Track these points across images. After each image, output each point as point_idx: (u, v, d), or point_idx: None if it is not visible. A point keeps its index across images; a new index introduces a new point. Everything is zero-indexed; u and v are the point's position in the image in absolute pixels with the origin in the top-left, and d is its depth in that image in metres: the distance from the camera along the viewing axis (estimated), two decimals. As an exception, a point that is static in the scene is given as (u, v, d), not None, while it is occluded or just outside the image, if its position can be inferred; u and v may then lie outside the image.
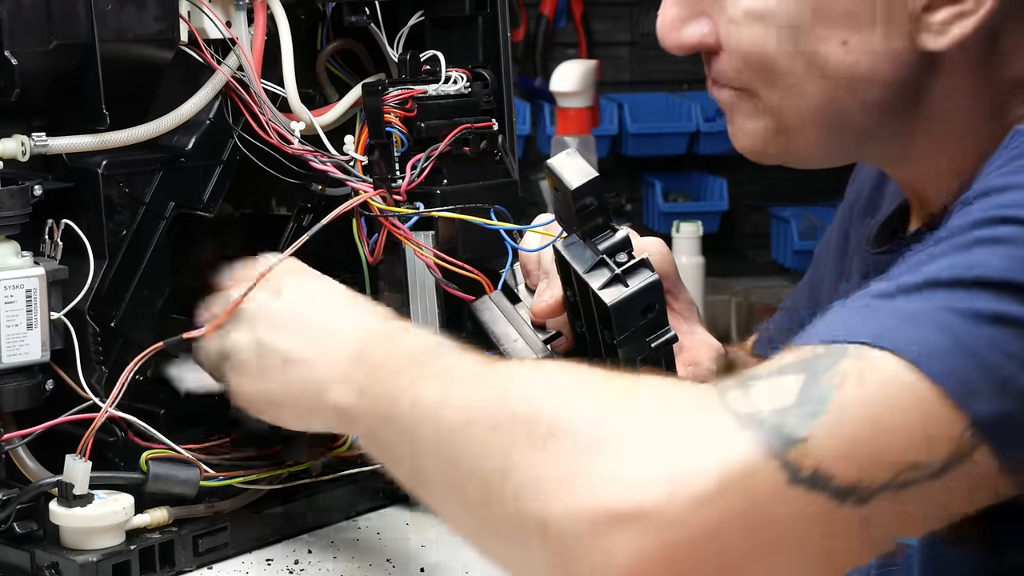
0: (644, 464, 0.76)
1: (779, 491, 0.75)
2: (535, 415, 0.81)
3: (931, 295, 0.79)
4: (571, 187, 1.01)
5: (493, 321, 1.12)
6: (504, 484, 0.80)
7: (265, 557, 1.17)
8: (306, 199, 1.28)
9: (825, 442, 0.76)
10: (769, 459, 0.75)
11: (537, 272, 1.15)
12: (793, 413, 0.76)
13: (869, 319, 0.80)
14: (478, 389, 0.87)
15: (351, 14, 1.26)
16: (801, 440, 0.76)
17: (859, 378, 0.77)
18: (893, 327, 0.78)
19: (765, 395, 0.78)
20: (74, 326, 1.13)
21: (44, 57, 1.11)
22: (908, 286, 0.80)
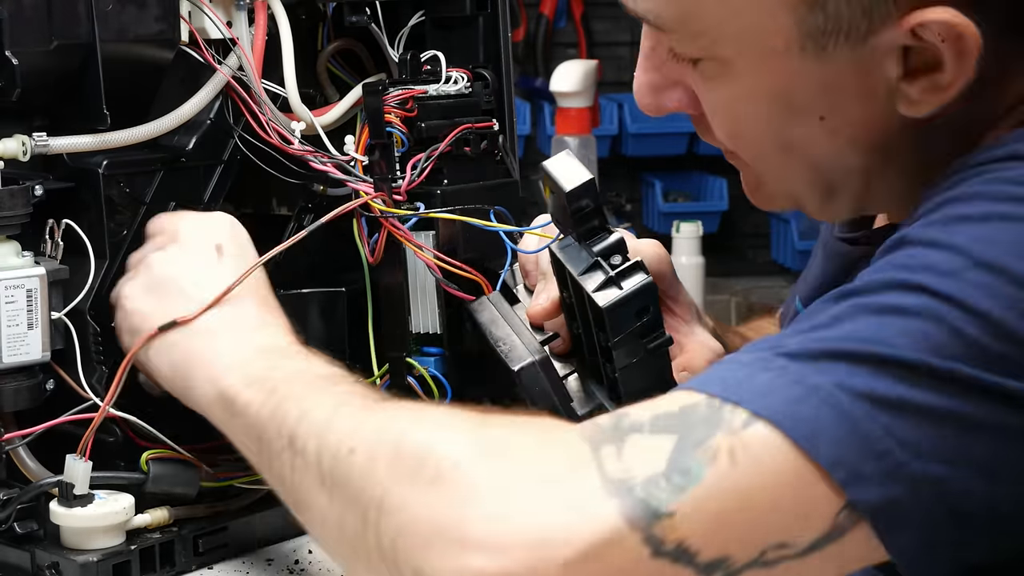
0: (513, 527, 0.77)
1: (643, 563, 0.76)
2: (416, 455, 0.82)
3: (831, 368, 0.78)
4: (566, 189, 1.02)
5: (491, 322, 1.12)
6: (380, 520, 0.81)
7: (265, 557, 1.17)
8: (307, 199, 1.28)
9: (692, 517, 0.76)
10: (634, 530, 0.76)
11: (535, 273, 1.15)
12: (662, 485, 0.77)
13: (764, 384, 0.79)
14: (366, 419, 0.89)
15: (351, 14, 1.26)
16: (667, 514, 0.76)
17: (732, 455, 0.77)
18: (786, 401, 0.77)
19: (637, 458, 0.78)
20: (75, 326, 1.13)
21: (45, 57, 1.11)
22: (810, 352, 0.79)
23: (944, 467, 0.77)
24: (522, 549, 0.76)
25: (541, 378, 1.08)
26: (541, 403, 1.07)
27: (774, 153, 0.94)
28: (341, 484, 0.86)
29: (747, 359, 0.81)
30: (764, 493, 0.77)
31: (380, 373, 1.21)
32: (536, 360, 1.08)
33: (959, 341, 0.77)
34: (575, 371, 1.12)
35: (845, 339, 0.79)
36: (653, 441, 0.79)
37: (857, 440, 0.76)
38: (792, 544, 0.77)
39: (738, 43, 0.89)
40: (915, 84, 0.87)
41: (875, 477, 0.76)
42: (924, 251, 0.81)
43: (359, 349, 1.23)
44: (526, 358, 1.09)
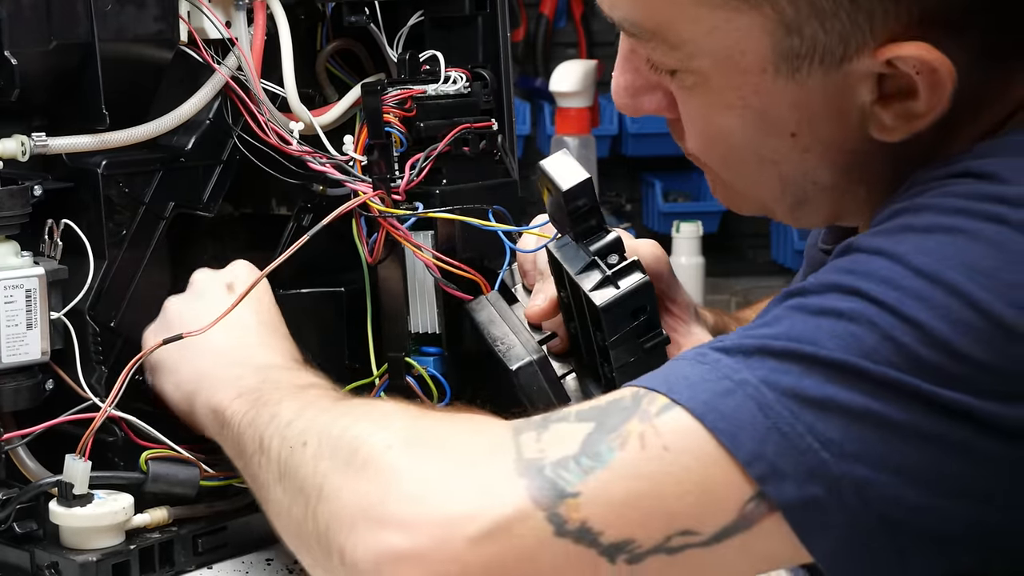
0: (426, 506, 0.80)
1: (546, 542, 0.78)
2: (352, 445, 0.87)
3: (759, 364, 0.78)
4: (563, 189, 1.02)
5: (489, 322, 1.12)
6: (318, 506, 0.86)
7: (265, 557, 1.17)
8: (306, 199, 1.28)
9: (595, 498, 0.78)
10: (538, 509, 0.78)
11: (534, 272, 1.15)
12: (571, 467, 0.79)
13: (693, 377, 0.80)
14: (321, 416, 0.94)
15: (351, 14, 1.26)
16: (571, 494, 0.78)
17: (642, 440, 0.78)
18: (712, 394, 0.78)
19: (553, 442, 0.81)
20: (74, 326, 1.13)
21: (44, 57, 1.11)
22: (744, 348, 0.80)
23: (868, 470, 0.76)
24: (432, 526, 0.79)
25: (539, 377, 1.08)
26: (539, 402, 1.07)
27: (746, 166, 0.94)
28: (291, 475, 0.91)
29: (688, 354, 0.83)
30: (670, 479, 0.78)
31: (379, 373, 1.21)
32: (534, 359, 1.08)
33: (891, 347, 0.77)
34: (573, 370, 1.12)
35: (778, 337, 0.79)
36: (573, 428, 0.81)
37: (778, 437, 0.77)
38: (698, 532, 0.78)
39: (713, 59, 0.89)
40: (888, 109, 0.87)
41: (795, 475, 0.76)
42: (867, 257, 0.81)
43: (359, 349, 1.23)
44: (524, 357, 1.09)
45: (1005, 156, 0.83)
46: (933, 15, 0.83)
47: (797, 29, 0.85)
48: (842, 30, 0.84)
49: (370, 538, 0.81)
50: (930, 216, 0.81)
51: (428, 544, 0.79)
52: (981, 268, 0.77)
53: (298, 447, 0.91)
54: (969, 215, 0.80)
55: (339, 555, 0.83)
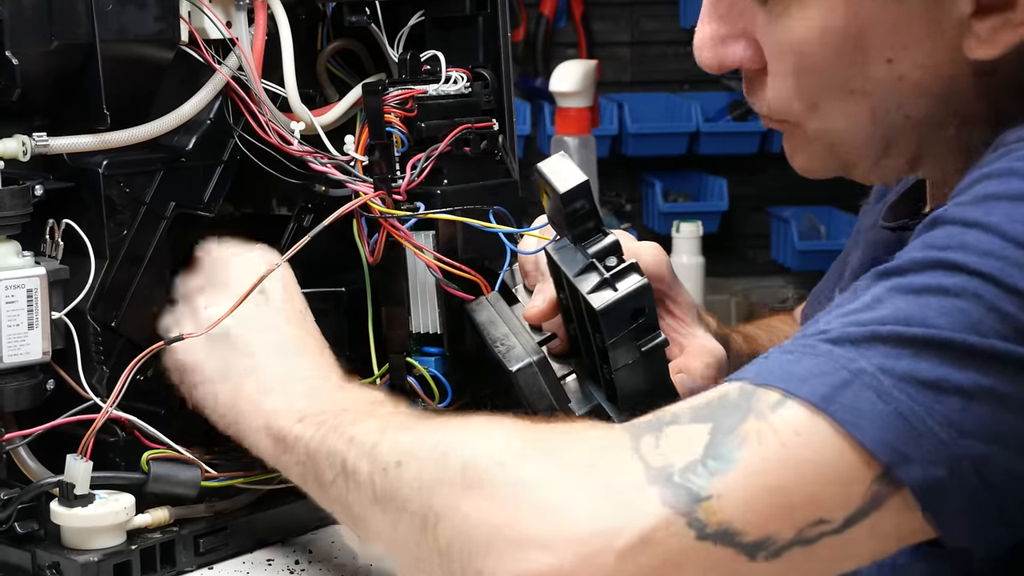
0: (564, 522, 0.79)
1: (689, 547, 0.78)
2: (461, 460, 0.85)
3: (872, 352, 0.79)
4: (560, 191, 1.02)
5: (489, 323, 1.12)
6: (437, 527, 0.84)
7: (265, 557, 1.17)
8: (307, 199, 1.28)
9: (729, 499, 0.78)
10: (678, 516, 0.78)
11: (535, 273, 1.15)
12: (699, 471, 0.79)
13: (807, 370, 0.80)
14: (410, 434, 0.92)
15: (351, 14, 1.26)
16: (705, 498, 0.78)
17: (760, 438, 0.79)
18: (831, 387, 0.79)
19: (674, 447, 0.81)
20: (75, 326, 1.13)
21: (45, 57, 1.11)
22: (853, 336, 0.80)
23: (985, 446, 0.78)
24: (576, 544, 0.78)
25: (538, 379, 1.08)
26: (538, 404, 1.07)
27: (836, 99, 0.94)
28: (391, 497, 0.89)
29: (791, 346, 0.83)
30: (798, 471, 0.79)
31: (380, 373, 1.21)
32: (534, 361, 1.08)
33: (996, 318, 0.78)
34: (573, 371, 1.12)
35: (886, 321, 0.80)
36: (689, 430, 0.81)
37: (900, 422, 0.78)
38: (829, 520, 0.79)
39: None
40: (986, 21, 0.88)
41: (919, 458, 0.78)
42: (960, 230, 0.82)
43: (359, 349, 1.23)
44: (523, 359, 1.09)
45: None
46: None
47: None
48: None
49: (510, 560, 0.80)
50: (1016, 182, 0.82)
51: (575, 562, 0.78)
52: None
53: (392, 468, 0.90)
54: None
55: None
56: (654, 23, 4.06)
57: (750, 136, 3.91)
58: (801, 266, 3.86)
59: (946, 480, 0.78)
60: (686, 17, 3.99)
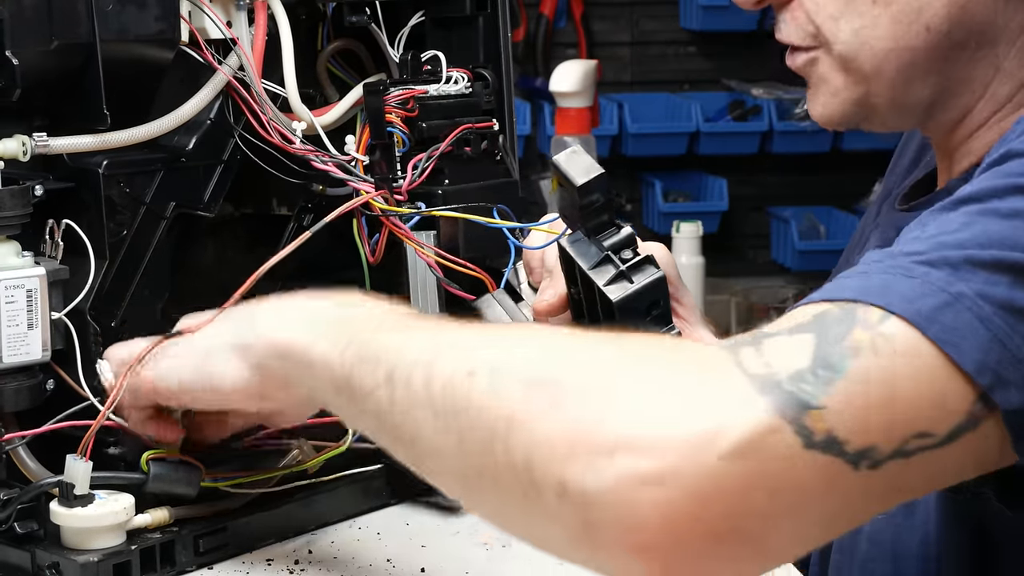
0: (665, 424, 0.76)
1: (796, 454, 0.77)
2: (544, 371, 0.81)
3: (971, 276, 0.80)
4: (577, 183, 1.02)
5: (496, 319, 1.12)
6: (509, 438, 0.79)
7: (265, 557, 1.17)
8: (307, 199, 1.28)
9: (838, 409, 0.78)
10: (785, 423, 0.77)
11: (540, 269, 1.15)
12: (808, 379, 0.78)
13: (910, 291, 0.81)
14: (478, 341, 0.86)
15: (352, 14, 1.26)
16: (816, 407, 0.77)
17: (874, 348, 0.79)
18: (933, 308, 0.80)
19: (779, 356, 0.79)
20: (75, 326, 1.13)
21: (45, 57, 1.11)
22: (950, 260, 0.81)
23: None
24: (679, 445, 0.75)
25: None
26: None
27: (859, 8, 0.96)
28: (461, 408, 0.82)
29: (881, 267, 0.83)
30: (906, 384, 0.79)
31: (380, 373, 1.21)
32: None
33: None
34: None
35: (981, 246, 0.81)
36: (792, 341, 0.81)
37: (1000, 348, 0.79)
38: (932, 433, 0.79)
39: None
40: None
41: (1017, 383, 0.79)
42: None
43: (359, 349, 1.23)
44: None
45: None
46: None
47: None
48: None
49: (602, 463, 0.75)
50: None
51: (677, 463, 0.75)
52: None
53: (461, 377, 0.82)
54: None
55: (556, 488, 0.77)
56: (654, 23, 4.06)
57: (750, 136, 3.91)
58: (801, 266, 3.86)
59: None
60: (686, 17, 4.00)
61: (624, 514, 0.75)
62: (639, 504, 0.75)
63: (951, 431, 0.80)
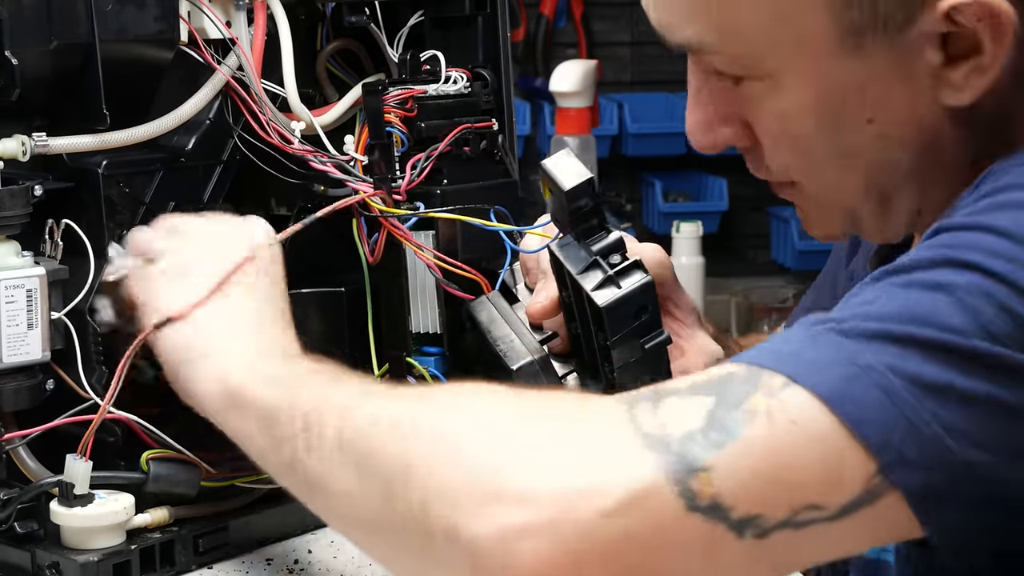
0: (548, 478, 0.77)
1: (677, 517, 0.77)
2: (446, 423, 0.83)
3: (882, 349, 0.79)
4: (565, 188, 1.02)
5: (490, 322, 1.12)
6: (408, 484, 0.81)
7: (265, 557, 1.17)
8: (306, 199, 1.28)
9: (727, 473, 0.77)
10: (670, 484, 0.77)
11: (536, 271, 1.15)
12: (699, 440, 0.78)
13: (817, 360, 0.80)
14: (394, 397, 0.90)
15: (351, 14, 1.26)
16: (703, 469, 0.77)
17: (770, 415, 0.78)
18: (838, 379, 0.78)
19: (674, 415, 0.79)
20: (75, 326, 1.13)
21: (44, 57, 1.11)
22: (865, 332, 0.80)
23: (987, 454, 0.78)
24: (559, 498, 0.76)
25: (540, 377, 1.08)
26: None
27: (828, 166, 0.94)
28: (364, 455, 0.85)
29: (798, 335, 0.82)
30: (799, 454, 0.78)
31: (380, 373, 1.21)
32: (535, 359, 1.08)
33: (1007, 319, 0.78)
34: (574, 370, 1.12)
35: (897, 319, 0.79)
36: (690, 401, 0.80)
37: (905, 424, 0.77)
38: (824, 506, 0.78)
39: (779, 53, 0.89)
40: (958, 69, 0.88)
41: (920, 462, 0.77)
42: (968, 233, 0.82)
43: (359, 349, 1.23)
44: (525, 357, 1.09)
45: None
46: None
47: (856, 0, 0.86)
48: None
49: (488, 512, 0.77)
50: (1020, 192, 0.83)
51: (555, 516, 0.76)
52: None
53: (366, 426, 0.86)
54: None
55: (446, 533, 0.79)
56: (654, 23, 4.05)
57: (750, 136, 3.91)
58: (801, 266, 3.86)
59: (945, 485, 0.78)
60: (686, 17, 3.99)
61: (505, 563, 0.77)
62: (519, 554, 0.76)
63: (845, 505, 0.78)
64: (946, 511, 0.78)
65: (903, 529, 0.80)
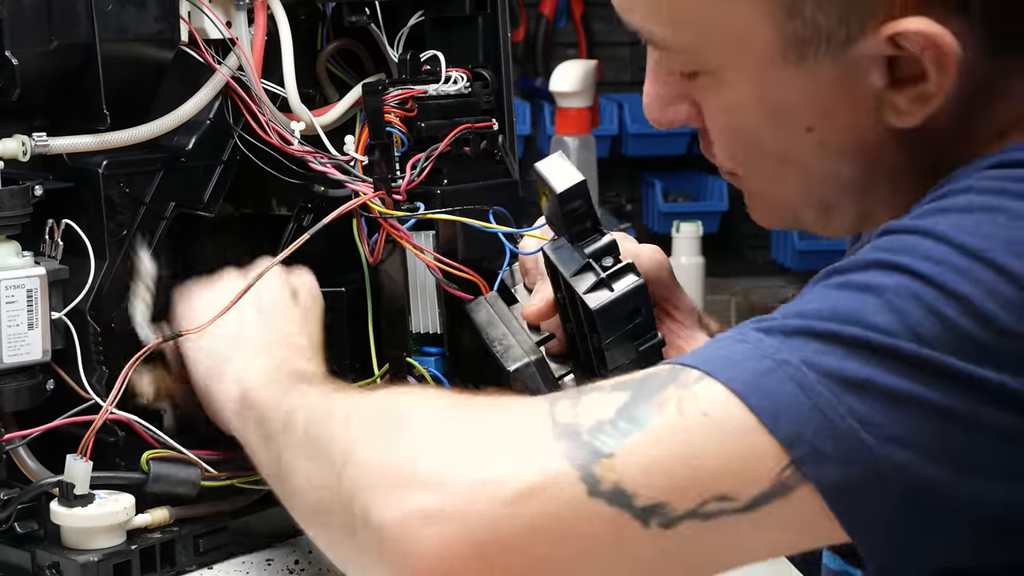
0: (459, 467, 0.80)
1: (579, 502, 0.78)
2: (387, 412, 0.88)
3: (801, 345, 0.78)
4: (557, 191, 1.02)
5: (487, 322, 1.12)
6: (343, 470, 0.85)
7: (265, 557, 1.17)
8: (306, 199, 1.28)
9: (631, 460, 0.78)
10: (573, 469, 0.78)
11: (535, 272, 1.15)
12: (607, 429, 0.79)
13: (734, 356, 0.80)
14: (355, 397, 0.95)
15: (351, 14, 1.26)
16: (606, 455, 0.78)
17: (680, 406, 0.79)
18: (753, 373, 0.78)
19: (589, 408, 0.81)
20: (75, 326, 1.13)
21: (45, 57, 1.11)
22: (786, 328, 0.80)
23: (909, 452, 0.77)
24: (463, 486, 0.78)
25: (536, 378, 1.08)
26: None
27: (769, 165, 0.93)
28: (317, 448, 0.90)
29: (726, 334, 0.83)
30: (707, 444, 0.78)
31: (380, 373, 1.21)
32: (532, 360, 1.08)
33: (935, 321, 0.77)
34: (571, 371, 1.12)
35: (821, 316, 0.79)
36: (608, 396, 0.81)
37: (820, 417, 0.77)
38: (733, 497, 0.78)
39: (723, 54, 0.88)
40: (901, 94, 0.86)
41: (835, 456, 0.77)
42: (906, 236, 0.81)
43: (359, 349, 1.23)
44: (522, 358, 1.09)
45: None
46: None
47: (798, 12, 0.85)
48: (841, 10, 0.84)
49: (397, 497, 0.80)
50: (968, 196, 0.82)
51: (458, 503, 0.78)
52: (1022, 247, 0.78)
53: (325, 418, 0.91)
54: (1008, 195, 0.80)
55: (363, 517, 0.81)
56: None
57: (750, 136, 3.91)
58: (801, 266, 3.86)
59: (862, 481, 0.77)
60: (686, 17, 3.99)
61: (410, 548, 0.78)
62: (423, 539, 0.78)
63: (756, 497, 0.78)
64: (864, 506, 0.77)
65: (823, 528, 0.79)
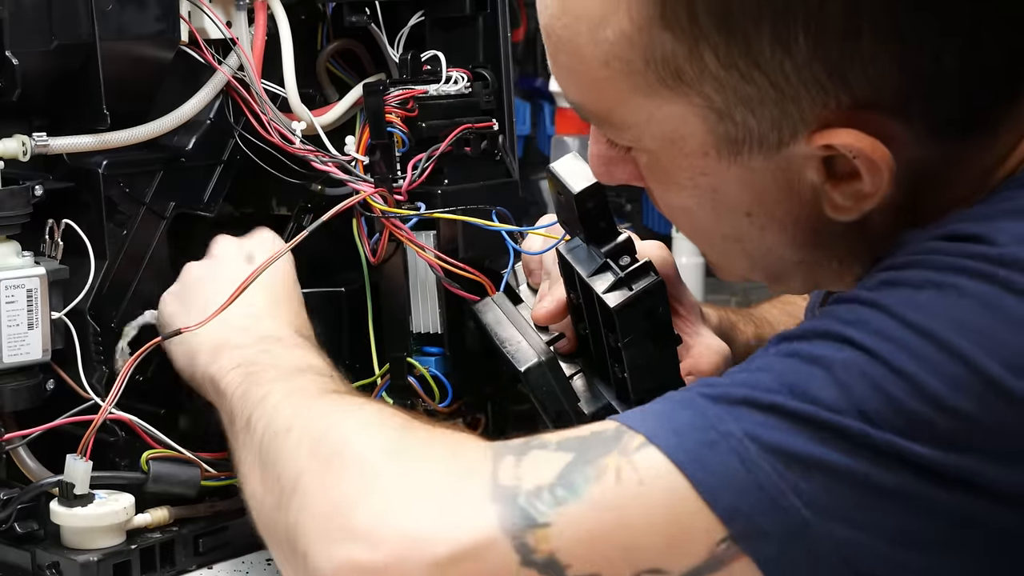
0: (393, 522, 0.80)
1: (511, 570, 0.77)
2: (335, 444, 0.87)
3: (745, 416, 0.77)
4: (574, 191, 1.02)
5: (496, 323, 1.12)
6: (291, 500, 0.86)
7: (265, 557, 1.17)
8: (306, 199, 1.28)
9: (566, 530, 0.77)
10: (506, 537, 0.78)
11: (539, 272, 1.15)
12: (544, 496, 0.78)
13: (679, 424, 0.79)
14: (309, 405, 0.95)
15: (351, 14, 1.26)
16: (542, 524, 0.77)
17: (618, 474, 0.78)
18: (696, 444, 0.77)
19: (530, 470, 0.80)
20: (75, 326, 1.13)
21: (45, 57, 1.11)
22: (732, 398, 0.79)
23: (851, 530, 0.76)
24: (396, 544, 0.79)
25: (548, 378, 1.08)
26: (548, 403, 1.07)
27: (711, 240, 0.93)
28: (271, 462, 0.91)
29: (677, 396, 0.82)
30: (641, 515, 0.77)
31: (380, 373, 1.21)
32: (543, 360, 1.08)
33: (880, 399, 0.76)
34: (581, 371, 1.12)
35: (767, 388, 0.78)
36: (551, 456, 0.80)
37: (759, 493, 0.76)
38: (666, 571, 0.77)
39: (657, 143, 0.87)
40: (838, 190, 0.85)
41: (774, 533, 0.76)
42: (859, 308, 0.80)
43: (359, 349, 1.23)
44: (533, 358, 1.08)
45: (990, 220, 0.81)
46: (865, 101, 0.81)
47: (728, 115, 0.83)
48: (772, 117, 0.83)
49: (333, 547, 0.81)
50: (920, 272, 0.80)
51: (389, 561, 0.78)
52: (972, 326, 0.76)
53: (282, 433, 0.91)
54: (959, 272, 0.78)
55: (303, 559, 0.83)
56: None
57: (750, 136, 3.90)
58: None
59: (802, 557, 0.76)
60: (686, 17, 3.98)
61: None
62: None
63: (689, 571, 0.77)
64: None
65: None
